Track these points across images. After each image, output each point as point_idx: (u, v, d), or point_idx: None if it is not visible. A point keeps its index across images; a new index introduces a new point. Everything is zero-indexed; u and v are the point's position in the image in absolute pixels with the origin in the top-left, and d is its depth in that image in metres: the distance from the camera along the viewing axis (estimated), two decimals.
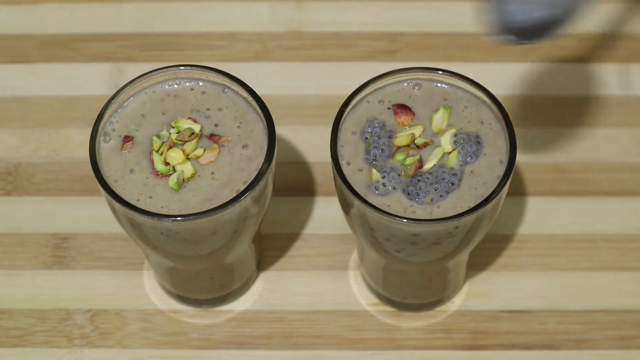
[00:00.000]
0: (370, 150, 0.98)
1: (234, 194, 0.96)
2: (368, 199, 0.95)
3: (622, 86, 1.22)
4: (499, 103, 0.99)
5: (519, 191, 1.15)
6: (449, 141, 0.98)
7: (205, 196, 0.96)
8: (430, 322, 1.09)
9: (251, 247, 1.07)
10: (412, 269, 1.04)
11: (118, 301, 1.10)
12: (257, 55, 1.25)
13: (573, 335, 1.08)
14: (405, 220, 0.93)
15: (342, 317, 1.09)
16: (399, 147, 0.98)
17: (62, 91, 1.22)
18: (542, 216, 1.14)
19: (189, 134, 0.98)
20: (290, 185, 1.16)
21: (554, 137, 1.18)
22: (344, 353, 1.07)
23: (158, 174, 0.97)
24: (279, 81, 1.23)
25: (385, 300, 1.09)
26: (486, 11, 0.89)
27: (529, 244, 1.13)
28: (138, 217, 0.95)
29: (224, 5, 1.28)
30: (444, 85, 1.01)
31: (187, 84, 1.02)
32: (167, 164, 0.97)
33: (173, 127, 0.99)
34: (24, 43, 1.25)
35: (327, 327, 1.09)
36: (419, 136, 0.98)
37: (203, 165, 0.98)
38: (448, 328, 1.08)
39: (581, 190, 1.15)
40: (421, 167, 0.97)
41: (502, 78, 1.22)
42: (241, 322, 1.09)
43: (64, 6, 1.28)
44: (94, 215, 1.14)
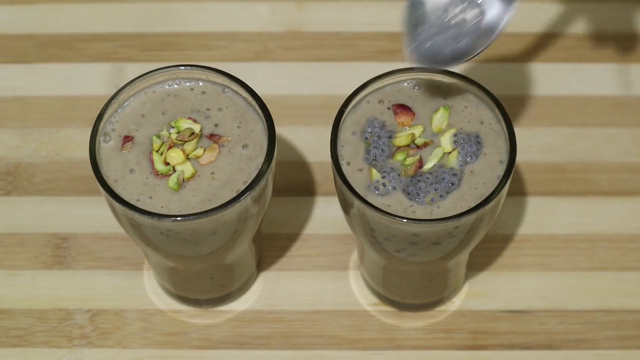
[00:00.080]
0: (370, 150, 0.97)
1: (234, 194, 0.96)
2: (368, 199, 0.95)
3: (622, 86, 1.22)
4: (499, 103, 0.99)
5: (519, 191, 1.15)
6: (449, 141, 0.98)
7: (205, 196, 0.96)
8: (430, 322, 1.09)
9: (251, 247, 1.07)
10: (412, 269, 1.04)
11: (118, 301, 1.10)
12: (257, 55, 1.24)
13: (573, 335, 1.08)
14: (405, 220, 0.93)
15: (342, 317, 1.09)
16: (399, 147, 0.98)
17: (62, 91, 1.22)
18: (542, 216, 1.14)
19: (189, 134, 0.98)
20: (290, 185, 1.16)
21: (554, 137, 1.18)
22: (344, 353, 1.07)
23: (158, 174, 0.97)
24: (279, 81, 1.22)
25: (385, 300, 1.09)
26: (404, 43, 0.96)
27: (529, 244, 1.13)
28: (138, 217, 0.95)
29: (224, 5, 1.28)
30: (444, 85, 1.01)
31: (187, 84, 1.02)
32: (167, 164, 0.97)
33: (173, 127, 0.99)
34: (24, 43, 1.25)
35: (327, 327, 1.09)
36: (419, 136, 0.98)
37: (203, 165, 0.98)
38: (448, 328, 1.08)
39: (581, 190, 1.15)
40: (421, 167, 0.97)
41: (502, 78, 1.22)
42: (241, 322, 1.09)
43: (64, 6, 1.27)
44: (94, 215, 1.14)
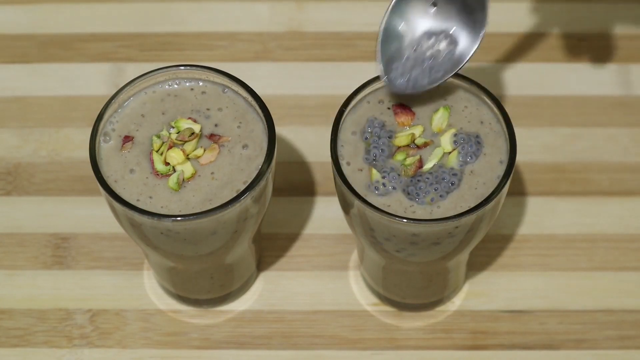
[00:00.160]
0: (370, 150, 0.97)
1: (234, 194, 0.96)
2: (368, 199, 0.95)
3: (622, 86, 1.22)
4: (499, 103, 0.99)
5: (519, 191, 1.15)
6: (449, 141, 0.98)
7: (205, 196, 0.96)
8: (430, 322, 1.09)
9: (251, 247, 1.07)
10: (412, 269, 1.04)
11: (118, 301, 1.10)
12: (257, 55, 1.24)
13: (573, 335, 1.08)
14: (405, 220, 0.93)
15: (342, 317, 1.09)
16: (399, 147, 0.97)
17: (62, 91, 1.22)
18: (542, 216, 1.14)
19: (189, 134, 0.98)
20: (290, 185, 1.16)
21: (554, 137, 1.18)
22: (344, 353, 1.07)
23: (158, 174, 0.97)
24: (279, 81, 1.22)
25: (385, 300, 1.09)
26: (380, 73, 0.98)
27: (529, 244, 1.12)
28: (138, 217, 0.95)
29: (224, 5, 1.28)
30: (444, 85, 1.00)
31: (187, 84, 1.02)
32: (167, 164, 0.97)
33: (173, 127, 0.99)
34: (24, 43, 1.25)
35: (327, 327, 1.09)
36: (419, 136, 0.98)
37: (203, 165, 0.98)
38: (448, 328, 1.08)
39: (581, 190, 1.15)
40: (421, 167, 0.97)
41: (502, 78, 1.22)
42: (241, 322, 1.09)
43: (64, 6, 1.27)
44: (94, 215, 1.14)
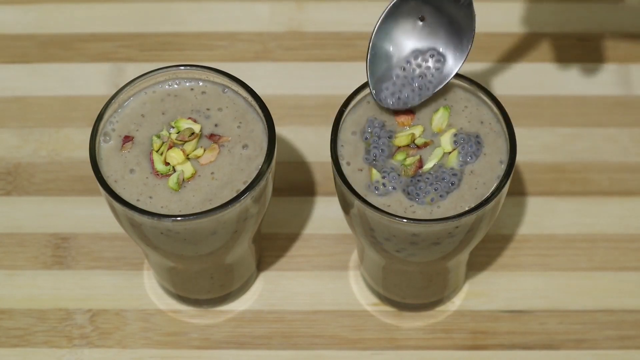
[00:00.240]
0: (370, 150, 0.97)
1: (234, 194, 0.96)
2: (368, 199, 0.95)
3: (622, 86, 1.22)
4: (499, 103, 0.99)
5: (519, 191, 1.15)
6: (449, 141, 0.98)
7: (205, 196, 0.96)
8: (430, 322, 1.09)
9: (251, 247, 1.07)
10: (412, 269, 1.04)
11: (118, 301, 1.10)
12: (257, 55, 1.24)
13: (573, 335, 1.08)
14: (405, 220, 0.93)
15: (342, 317, 1.09)
16: (399, 147, 0.97)
17: (62, 91, 1.22)
18: (542, 216, 1.14)
19: (189, 134, 0.98)
20: (290, 185, 1.16)
21: (554, 137, 1.18)
22: (344, 353, 1.07)
23: (158, 174, 0.97)
24: (279, 81, 1.22)
25: (385, 300, 1.09)
26: (370, 90, 0.99)
27: (529, 244, 1.12)
28: (138, 217, 0.95)
29: (224, 5, 1.28)
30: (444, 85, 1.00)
31: (187, 84, 1.02)
32: (167, 164, 0.97)
33: (173, 127, 0.99)
34: (24, 43, 1.25)
35: (327, 327, 1.09)
36: (419, 136, 0.98)
37: (203, 165, 0.98)
38: (448, 328, 1.08)
39: (581, 190, 1.15)
40: (421, 167, 0.97)
41: (502, 78, 1.22)
42: (241, 322, 1.09)
43: (64, 6, 1.27)
44: (94, 215, 1.14)
